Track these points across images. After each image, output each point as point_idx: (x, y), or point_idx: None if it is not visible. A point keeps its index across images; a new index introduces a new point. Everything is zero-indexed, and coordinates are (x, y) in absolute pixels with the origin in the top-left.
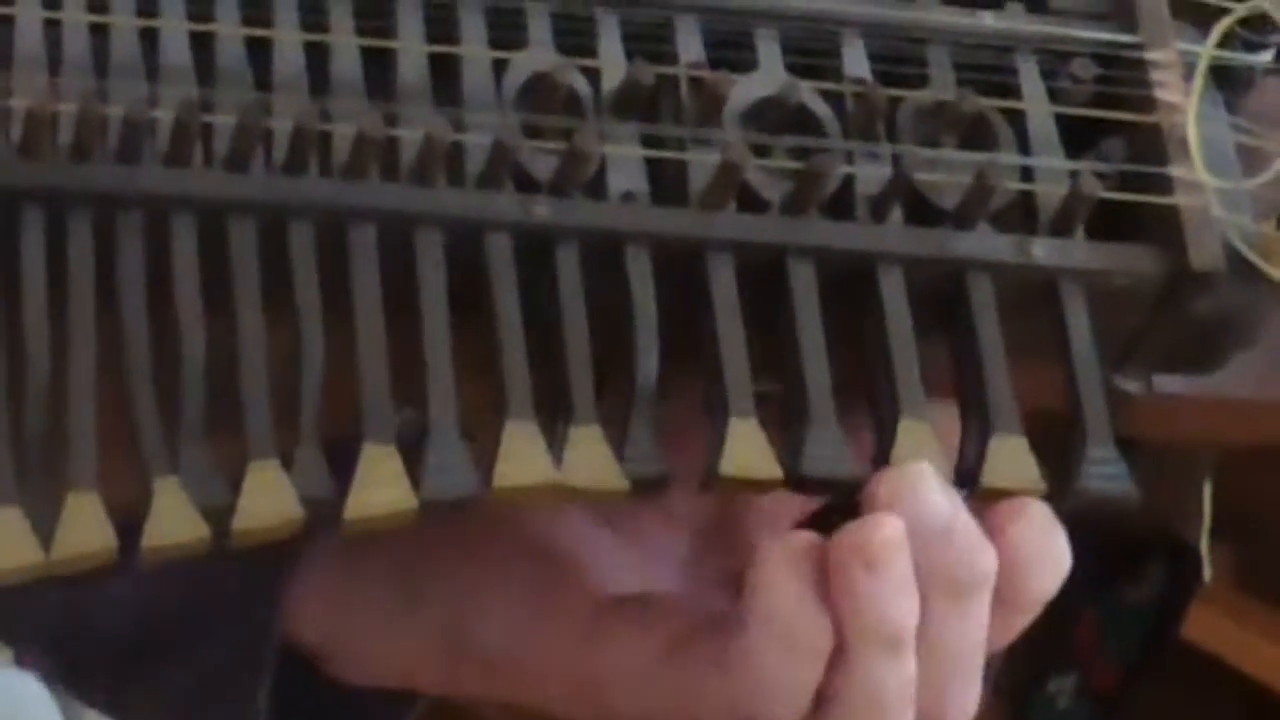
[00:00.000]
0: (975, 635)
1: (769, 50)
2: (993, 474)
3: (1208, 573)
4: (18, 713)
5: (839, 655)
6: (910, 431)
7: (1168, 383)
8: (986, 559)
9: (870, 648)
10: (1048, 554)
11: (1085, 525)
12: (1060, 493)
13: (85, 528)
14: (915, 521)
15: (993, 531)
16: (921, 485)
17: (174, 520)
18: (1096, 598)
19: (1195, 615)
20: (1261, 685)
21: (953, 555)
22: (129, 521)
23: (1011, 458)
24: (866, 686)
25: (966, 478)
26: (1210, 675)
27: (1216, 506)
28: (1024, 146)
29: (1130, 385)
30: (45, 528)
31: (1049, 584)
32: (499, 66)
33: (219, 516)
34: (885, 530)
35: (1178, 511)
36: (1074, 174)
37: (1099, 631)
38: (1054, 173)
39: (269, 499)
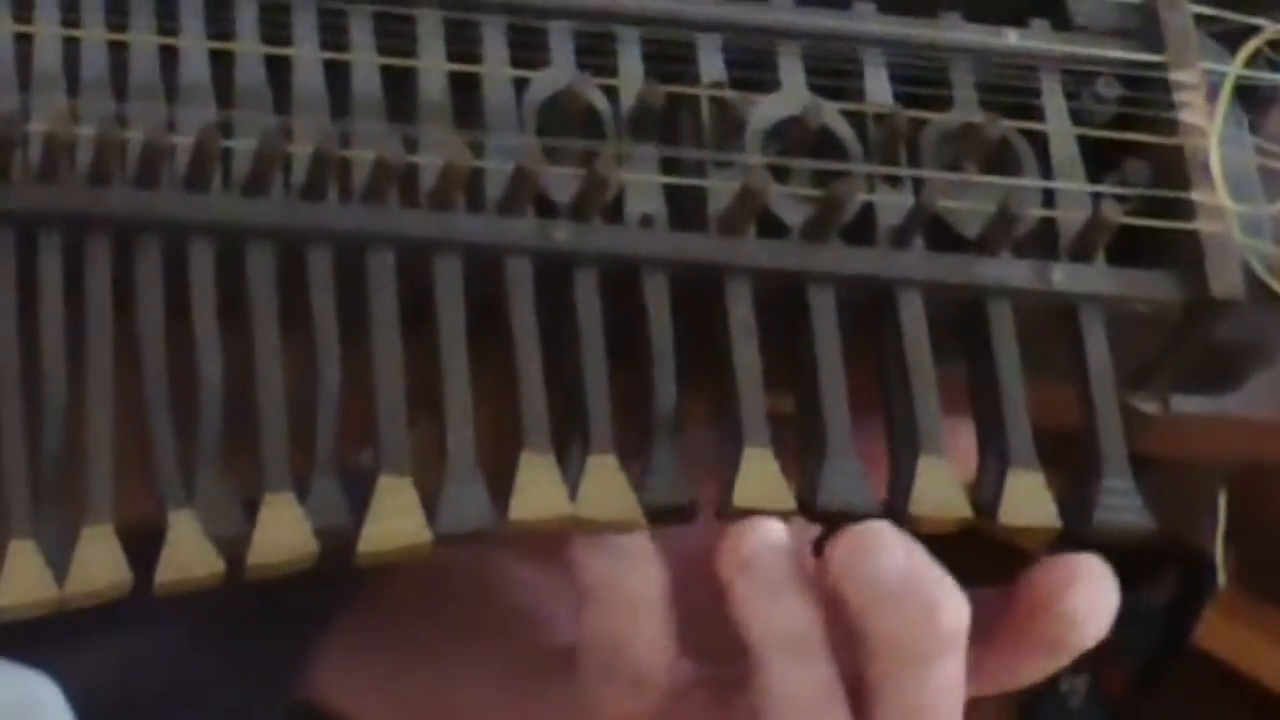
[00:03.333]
0: (946, 692)
1: (791, 70)
2: (1010, 511)
3: (1222, 579)
4: (32, 712)
5: (748, 666)
6: (929, 470)
7: (1185, 403)
8: (948, 618)
9: (770, 654)
10: (1102, 608)
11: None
12: (1076, 525)
13: (99, 562)
14: (872, 586)
15: (1053, 594)
16: (878, 547)
17: (189, 554)
18: None
19: (1206, 621)
20: (1268, 690)
21: (910, 619)
22: (142, 548)
23: (1028, 494)
24: (775, 690)
25: (984, 512)
26: (1217, 679)
27: (1227, 515)
28: (1046, 169)
29: (1148, 406)
30: (59, 561)
31: (1099, 633)
32: (520, 85)
33: (234, 548)
34: (753, 534)
35: (1192, 518)
36: (1096, 199)
37: (1111, 635)
38: (1076, 197)
39: (283, 532)
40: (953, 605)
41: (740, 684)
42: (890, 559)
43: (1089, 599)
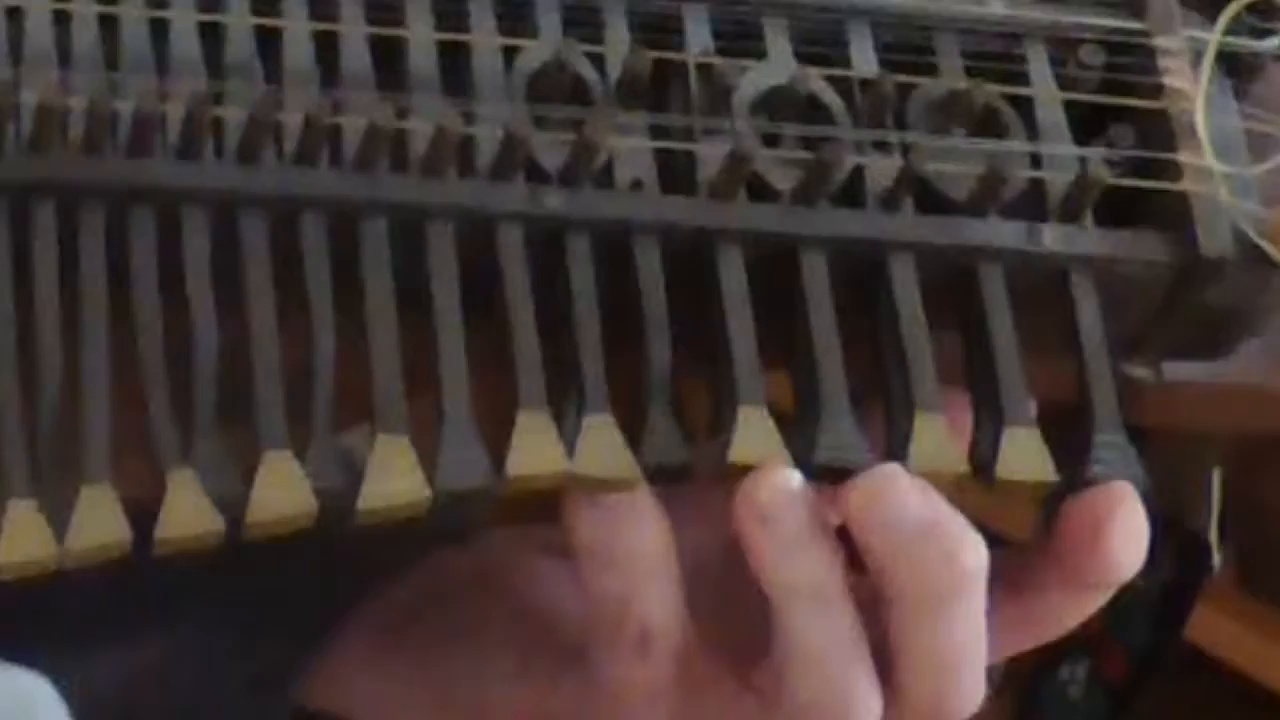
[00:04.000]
0: (968, 635)
1: (778, 40)
2: (1007, 466)
3: (1217, 561)
4: (30, 712)
5: (771, 616)
6: (926, 427)
7: (1177, 370)
8: (969, 556)
9: (791, 603)
10: (1141, 535)
11: None
12: (1070, 480)
13: (99, 520)
14: (892, 527)
15: (1099, 519)
16: (893, 490)
17: (188, 512)
18: None
19: (1201, 617)
20: (1265, 687)
21: (931, 557)
22: (143, 515)
23: (1025, 449)
24: (798, 642)
25: (981, 469)
26: (1214, 677)
27: (1221, 507)
28: (1033, 134)
29: (1140, 373)
30: (60, 520)
31: (1139, 564)
32: (509, 55)
33: (233, 508)
34: (770, 483)
35: (1187, 501)
36: (1083, 160)
37: (1110, 620)
38: (1063, 160)
39: (283, 490)
40: (971, 544)
41: (758, 655)
42: (906, 502)
43: (1131, 525)
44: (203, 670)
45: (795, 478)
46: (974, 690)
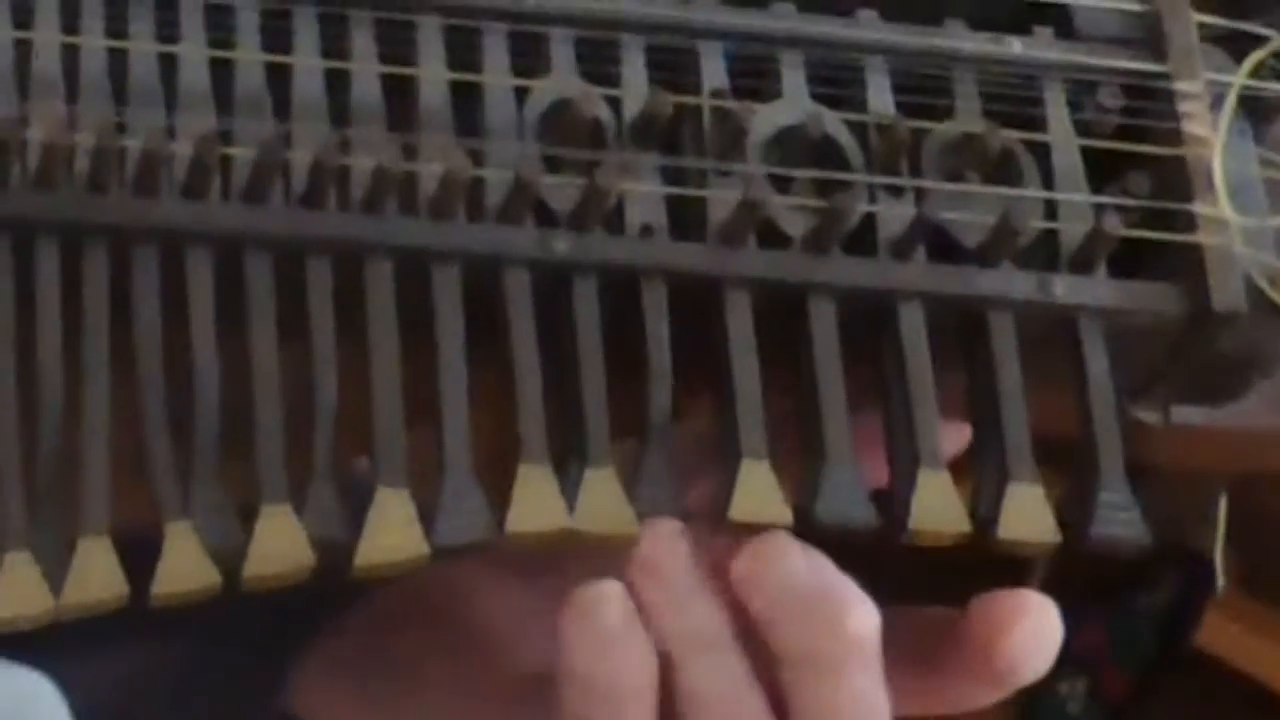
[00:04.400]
0: (859, 695)
1: (793, 78)
2: (1009, 526)
3: (1221, 582)
4: (27, 710)
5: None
6: (929, 484)
7: (1186, 413)
8: (856, 622)
9: (681, 653)
10: (1045, 648)
11: None
12: (1074, 537)
13: (96, 574)
14: (778, 592)
15: (996, 631)
16: (780, 555)
17: (186, 566)
18: (1107, 603)
19: (1204, 620)
20: (1269, 689)
21: (817, 623)
22: (139, 557)
23: (1028, 509)
24: (690, 691)
25: (983, 526)
26: (1217, 679)
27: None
28: (1048, 179)
29: (1148, 416)
30: (56, 573)
31: (1041, 670)
32: (521, 93)
33: (230, 560)
34: (653, 537)
35: (1192, 521)
36: (1097, 210)
37: (1109, 638)
38: (1077, 208)
39: (280, 544)
40: (859, 611)
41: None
42: (793, 566)
43: (1031, 638)
44: (197, 675)
45: (674, 531)
46: None
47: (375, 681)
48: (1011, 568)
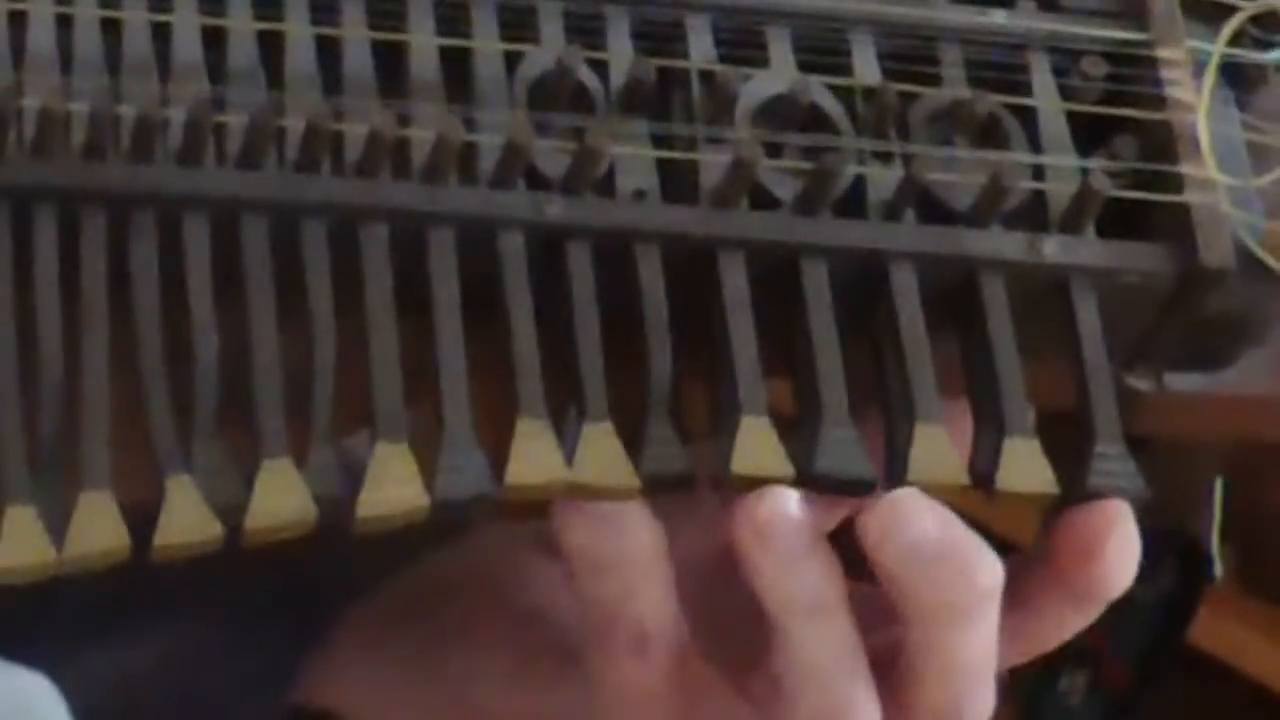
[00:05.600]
0: (984, 650)
1: (780, 48)
2: (1007, 478)
3: (1218, 570)
4: (27, 710)
5: (766, 639)
6: (926, 437)
7: (1178, 381)
8: (986, 575)
9: (790, 617)
10: (1134, 552)
11: None
12: (1071, 492)
13: (98, 526)
14: (910, 549)
15: (1093, 538)
16: (910, 513)
17: (187, 518)
18: None
19: (1202, 619)
20: (1269, 689)
21: (949, 578)
22: (141, 517)
23: (1025, 460)
24: (797, 655)
25: (981, 481)
26: (1217, 678)
27: (1223, 510)
28: (1035, 145)
29: (1141, 384)
30: (58, 526)
31: (1130, 579)
32: (510, 62)
33: (232, 514)
34: (769, 501)
35: (1188, 510)
36: (1084, 172)
37: (1109, 628)
38: (1065, 171)
39: (282, 497)
40: (988, 563)
41: (754, 661)
42: (924, 524)
43: (1125, 542)
44: (200, 668)
45: (793, 495)
46: (987, 703)
47: (425, 647)
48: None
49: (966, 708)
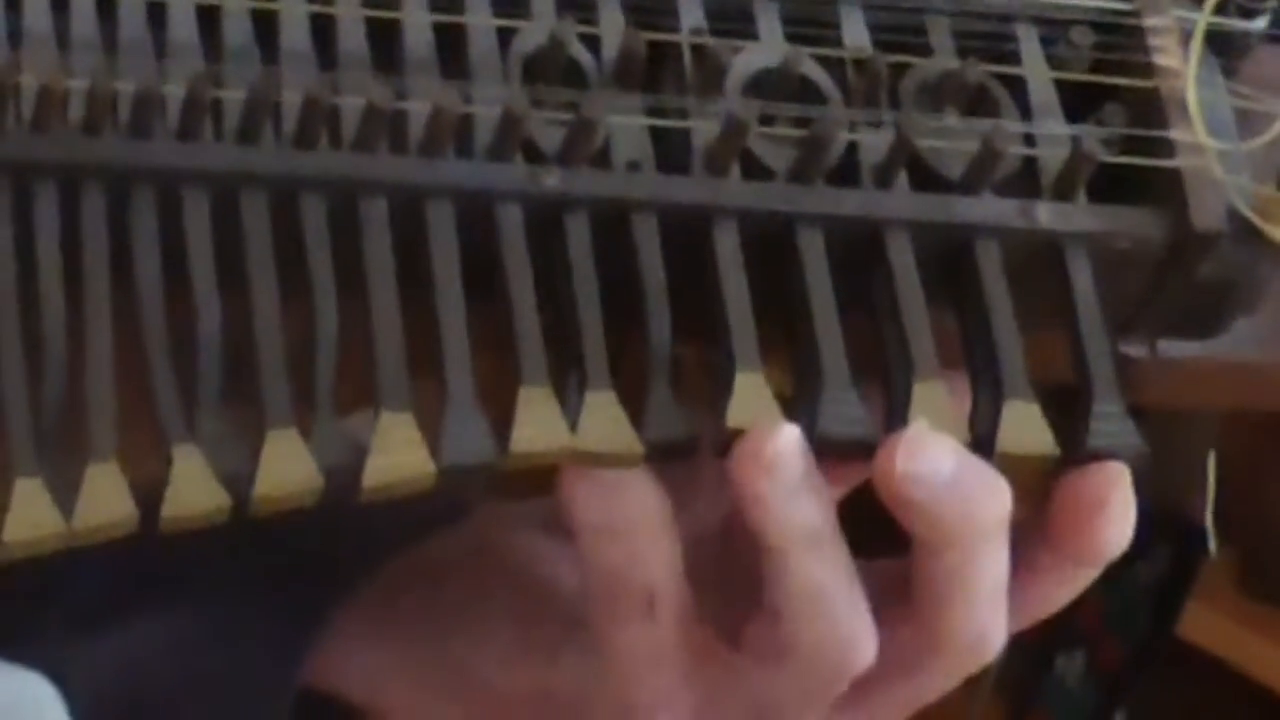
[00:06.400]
0: (1002, 573)
1: (769, 21)
2: (1007, 439)
3: (1213, 546)
4: (27, 710)
5: (768, 565)
6: (925, 393)
7: (1172, 348)
8: (998, 500)
9: (791, 547)
10: (1131, 513)
11: None
12: (1070, 453)
13: (106, 498)
14: (927, 479)
15: (1092, 502)
16: (926, 445)
17: (194, 488)
18: (1103, 574)
19: (1199, 618)
20: (1266, 688)
21: (973, 501)
22: (148, 491)
23: (1024, 422)
24: (799, 584)
25: (981, 444)
26: (1214, 678)
27: (1220, 509)
28: (1025, 113)
29: (1135, 351)
30: (66, 498)
31: (1127, 540)
32: (503, 37)
33: (239, 484)
34: (775, 434)
35: (1183, 487)
36: (1075, 138)
37: (1107, 610)
38: (1056, 138)
39: (288, 466)
40: (1003, 486)
41: (748, 615)
42: (942, 452)
43: (1122, 506)
44: (206, 652)
45: (794, 430)
46: (1004, 628)
47: (429, 630)
48: None
49: (991, 630)
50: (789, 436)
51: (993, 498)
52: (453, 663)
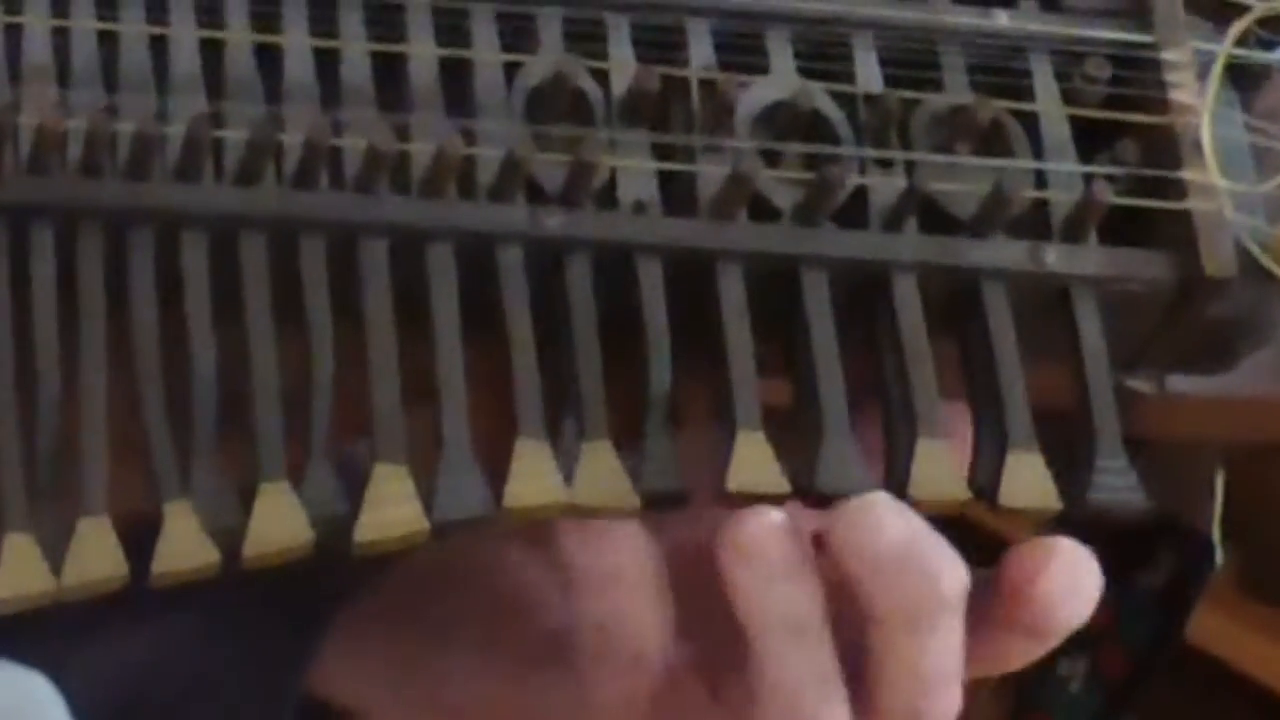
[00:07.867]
0: (946, 657)
1: (781, 53)
2: (1009, 493)
3: (1220, 558)
4: (27, 710)
5: (744, 650)
6: (927, 452)
7: (1179, 383)
8: (949, 580)
9: (768, 638)
10: (1080, 591)
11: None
12: (1072, 505)
13: (96, 554)
14: (874, 552)
15: (1027, 577)
16: (875, 516)
17: (185, 545)
18: (1109, 582)
19: (1202, 619)
20: (1268, 689)
21: (913, 581)
22: (138, 537)
23: (1027, 476)
24: (773, 674)
25: (983, 495)
26: (1217, 679)
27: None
28: (1037, 149)
29: (1142, 386)
30: (56, 554)
31: (1080, 616)
32: (510, 71)
33: (230, 540)
34: (752, 522)
35: (1189, 498)
36: (1087, 179)
37: (1111, 616)
38: (1067, 177)
39: (280, 522)
40: (952, 570)
41: (733, 667)
42: (891, 529)
43: (1065, 582)
44: (208, 653)
45: (777, 516)
46: (951, 707)
47: (407, 647)
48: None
49: (928, 710)
50: (770, 523)
51: (940, 582)
52: (427, 688)
